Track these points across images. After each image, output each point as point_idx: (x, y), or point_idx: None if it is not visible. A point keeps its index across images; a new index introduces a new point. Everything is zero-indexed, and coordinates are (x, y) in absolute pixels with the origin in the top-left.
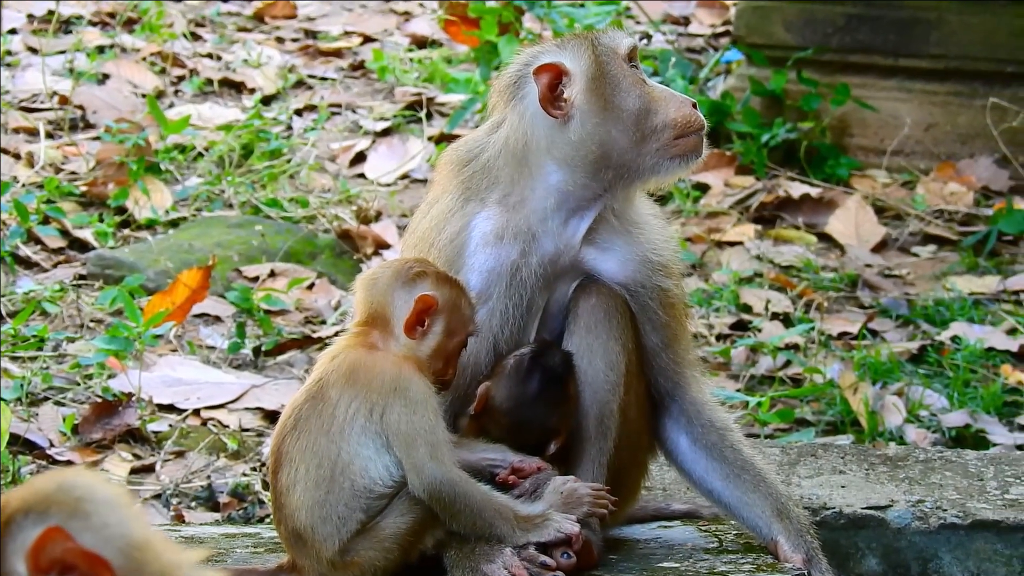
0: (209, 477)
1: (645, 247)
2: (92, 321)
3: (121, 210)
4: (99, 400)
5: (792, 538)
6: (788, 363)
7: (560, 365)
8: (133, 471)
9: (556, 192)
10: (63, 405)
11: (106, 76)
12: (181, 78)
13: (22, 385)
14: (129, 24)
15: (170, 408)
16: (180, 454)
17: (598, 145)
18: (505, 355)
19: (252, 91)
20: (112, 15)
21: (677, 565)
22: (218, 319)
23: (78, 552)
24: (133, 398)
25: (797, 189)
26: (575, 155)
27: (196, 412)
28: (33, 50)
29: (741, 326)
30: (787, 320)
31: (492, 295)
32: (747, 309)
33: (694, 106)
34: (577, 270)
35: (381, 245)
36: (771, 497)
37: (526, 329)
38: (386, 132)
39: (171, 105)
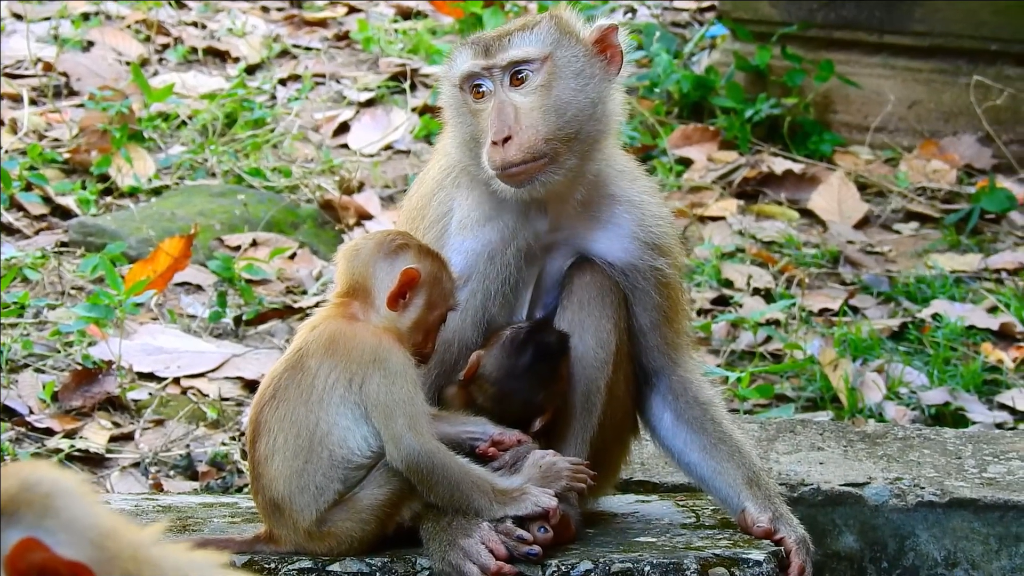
0: (188, 446)
1: (638, 226)
2: (73, 288)
3: (104, 178)
4: (79, 367)
5: (760, 502)
6: (769, 339)
7: (555, 344)
8: (112, 439)
9: None
10: (43, 372)
11: (91, 43)
12: (166, 46)
13: (2, 351)
14: None
15: (150, 376)
16: (159, 423)
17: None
18: (500, 327)
19: (236, 60)
20: None
21: (654, 540)
22: (199, 288)
23: (58, 562)
24: (113, 366)
25: (780, 165)
26: None
27: (176, 381)
28: (18, 16)
29: (722, 301)
30: (768, 296)
31: (477, 270)
32: (728, 284)
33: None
34: (570, 247)
35: (363, 216)
36: (744, 467)
37: (516, 305)
38: (370, 103)
39: (155, 73)
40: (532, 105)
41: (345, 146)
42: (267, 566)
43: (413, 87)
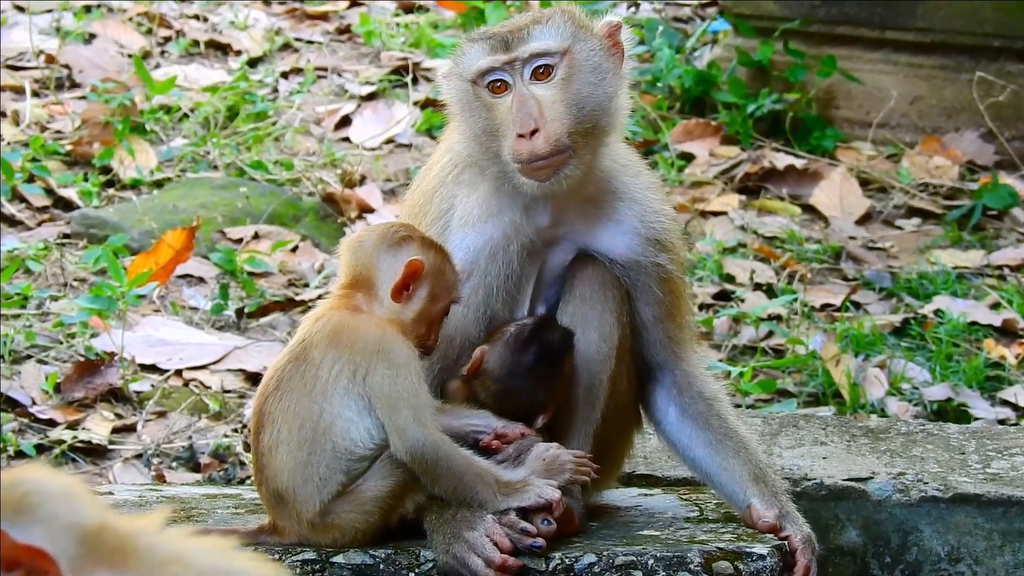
0: (190, 438)
1: (640, 222)
2: (75, 280)
3: (106, 170)
4: (82, 359)
5: (766, 498)
6: (771, 334)
7: (559, 342)
8: (115, 430)
9: None
10: (46, 363)
11: (92, 36)
12: (167, 39)
13: (5, 343)
14: None
15: (152, 368)
16: (162, 414)
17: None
18: (504, 323)
19: (238, 53)
20: None
21: (658, 533)
22: (201, 280)
23: (16, 547)
24: (115, 357)
25: (782, 160)
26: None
27: (178, 372)
28: (20, 8)
29: (724, 296)
30: (770, 291)
31: (479, 266)
32: (730, 279)
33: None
34: (572, 242)
35: (365, 209)
36: (750, 463)
37: (518, 299)
38: (371, 96)
39: (157, 66)
40: (554, 98)
41: (347, 139)
42: (271, 557)
43: (415, 81)
